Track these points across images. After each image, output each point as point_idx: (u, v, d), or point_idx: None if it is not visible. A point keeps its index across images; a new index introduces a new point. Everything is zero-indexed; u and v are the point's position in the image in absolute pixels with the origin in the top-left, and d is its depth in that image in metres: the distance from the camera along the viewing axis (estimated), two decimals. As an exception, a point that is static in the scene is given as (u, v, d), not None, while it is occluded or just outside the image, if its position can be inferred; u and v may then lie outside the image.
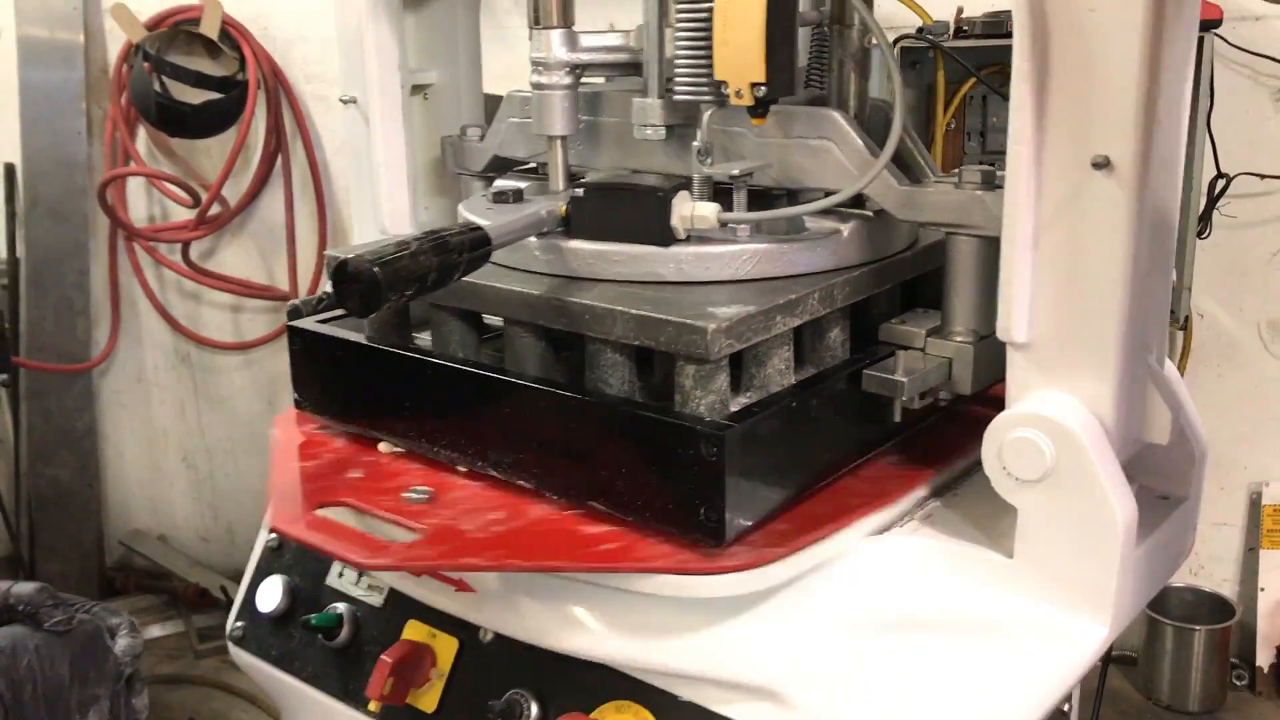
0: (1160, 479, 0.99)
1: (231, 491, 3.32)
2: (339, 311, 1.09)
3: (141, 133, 3.06)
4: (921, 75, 2.51)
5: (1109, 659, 2.45)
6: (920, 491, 0.97)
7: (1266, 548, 2.77)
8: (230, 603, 3.14)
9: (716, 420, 0.85)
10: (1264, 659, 2.77)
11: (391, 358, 1.03)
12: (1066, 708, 1.21)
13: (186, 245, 3.01)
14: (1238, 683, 2.78)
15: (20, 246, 3.11)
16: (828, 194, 0.95)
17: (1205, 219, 2.52)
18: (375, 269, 0.77)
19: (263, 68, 2.89)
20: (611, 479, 0.89)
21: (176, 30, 2.91)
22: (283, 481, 1.04)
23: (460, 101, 1.30)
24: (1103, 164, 0.82)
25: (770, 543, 0.87)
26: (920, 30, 2.38)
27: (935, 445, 1.00)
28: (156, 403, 3.29)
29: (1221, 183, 2.52)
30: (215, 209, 2.96)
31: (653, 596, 0.88)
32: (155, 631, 3.15)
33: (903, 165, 0.95)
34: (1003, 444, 0.86)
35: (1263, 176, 2.54)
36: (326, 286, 2.61)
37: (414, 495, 0.98)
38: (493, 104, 1.36)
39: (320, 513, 0.98)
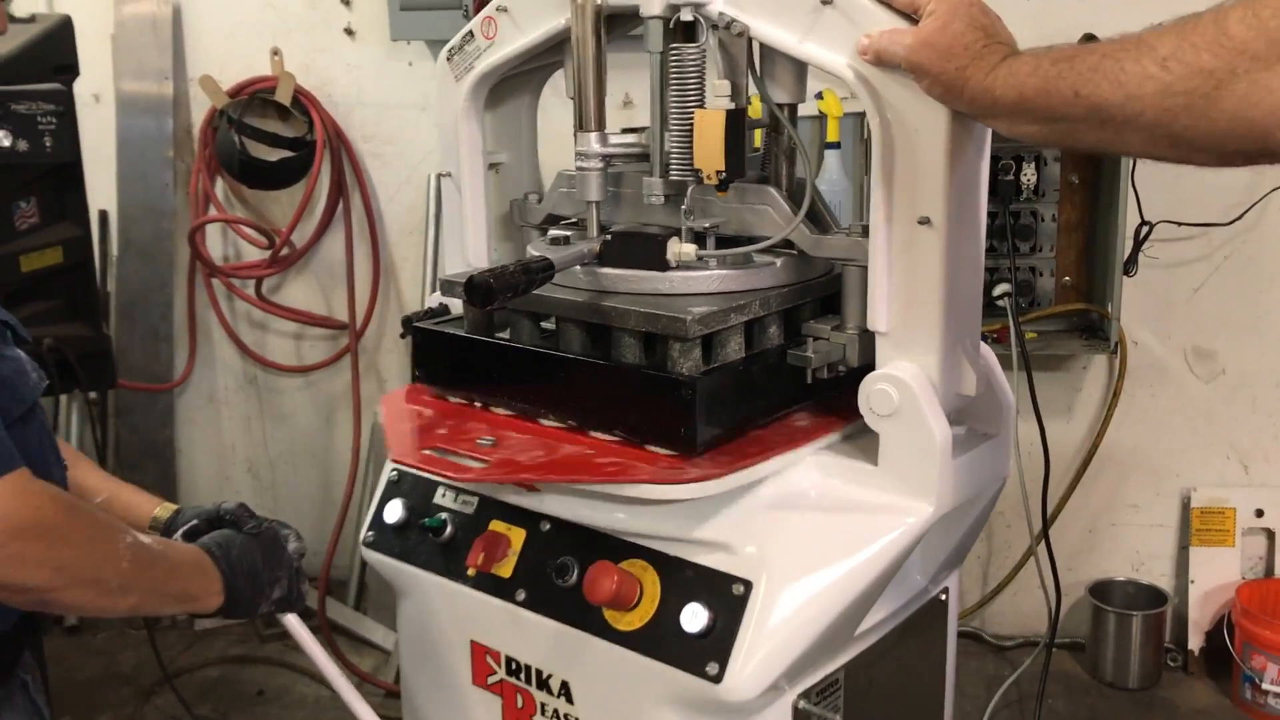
0: (982, 423, 1.60)
1: (291, 499, 3.94)
2: (443, 319, 1.73)
3: (219, 183, 3.72)
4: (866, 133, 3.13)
5: (1052, 644, 3.01)
6: (829, 430, 1.58)
7: (1196, 545, 3.34)
8: (271, 621, 3.69)
9: (692, 375, 1.46)
10: (1195, 643, 3.33)
11: (484, 345, 1.66)
12: (944, 596, 1.81)
13: (260, 281, 3.66)
14: (1172, 664, 3.35)
15: (111, 283, 3.76)
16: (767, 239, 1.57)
17: (1133, 260, 3.11)
18: (491, 280, 1.39)
19: (328, 129, 3.54)
20: (628, 415, 1.50)
21: (254, 98, 3.57)
22: (399, 433, 1.65)
23: (522, 174, 1.92)
24: (925, 222, 1.43)
25: (721, 463, 1.47)
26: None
27: (841, 402, 1.61)
28: (226, 419, 3.92)
29: (1145, 229, 3.12)
30: (284, 250, 3.61)
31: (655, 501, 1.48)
32: (223, 620, 3.75)
33: (815, 220, 1.57)
34: (870, 392, 1.48)
35: (1180, 224, 3.14)
36: (380, 311, 3.40)
37: (484, 440, 1.59)
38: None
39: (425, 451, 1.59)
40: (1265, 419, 3.27)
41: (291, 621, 1.68)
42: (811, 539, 1.46)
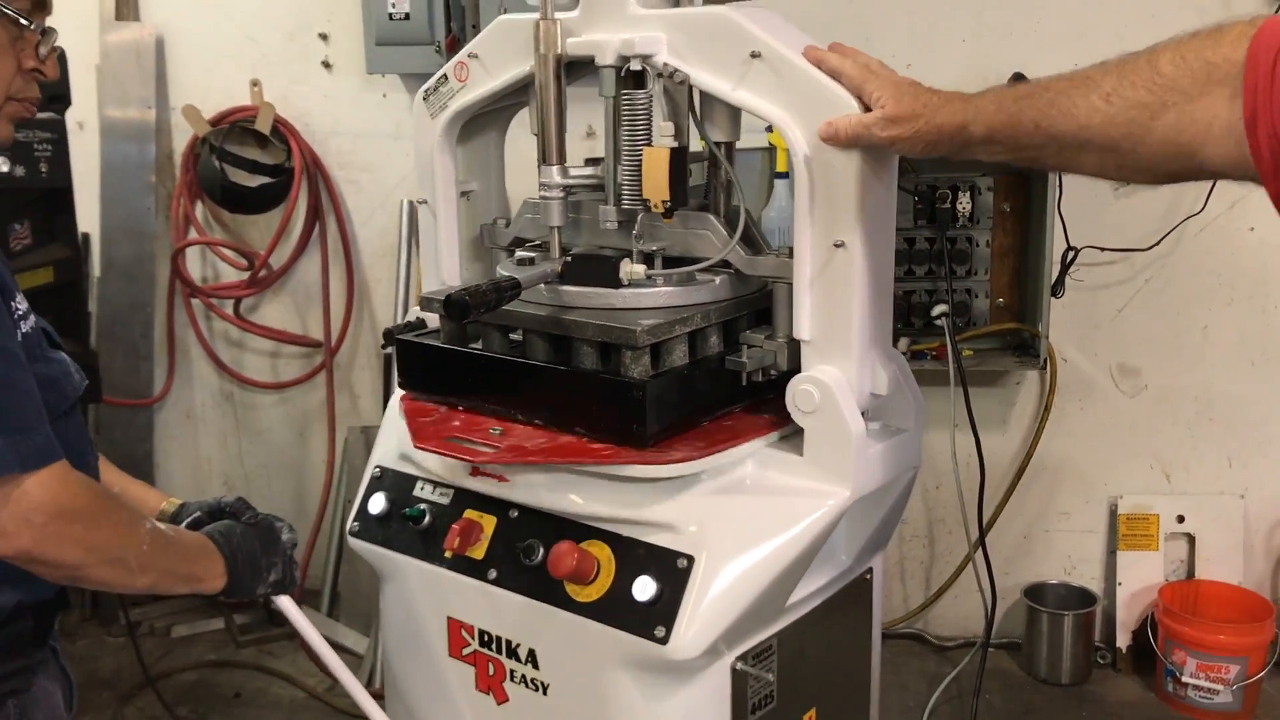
0: (895, 418, 1.86)
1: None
2: (421, 331, 1.97)
3: (199, 207, 3.94)
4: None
5: (988, 643, 3.27)
6: (761, 425, 1.84)
7: (1123, 550, 3.60)
8: (267, 604, 3.90)
9: (643, 379, 1.71)
10: (1122, 641, 3.59)
11: (459, 354, 1.90)
12: (869, 576, 2.06)
13: (238, 301, 3.88)
14: (1101, 661, 3.60)
15: (93, 303, 3.96)
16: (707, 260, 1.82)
17: (1059, 283, 3.38)
18: (467, 297, 1.63)
19: (305, 157, 3.78)
20: (587, 413, 1.75)
21: (234, 126, 3.80)
22: (421, 425, 1.89)
23: (490, 201, 2.17)
24: (840, 245, 1.69)
25: (685, 452, 1.72)
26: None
27: (772, 401, 1.85)
28: (203, 434, 4.13)
29: (1071, 254, 3.40)
30: (262, 271, 3.84)
31: (611, 478, 1.73)
32: (200, 628, 3.95)
33: (749, 243, 1.83)
34: (795, 392, 1.73)
35: (1103, 249, 3.42)
36: (354, 331, 3.71)
37: (494, 430, 1.83)
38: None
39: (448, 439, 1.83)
40: (1185, 431, 3.56)
41: (285, 603, 1.89)
42: (745, 519, 1.71)
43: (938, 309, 3.30)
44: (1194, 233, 3.38)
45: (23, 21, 1.53)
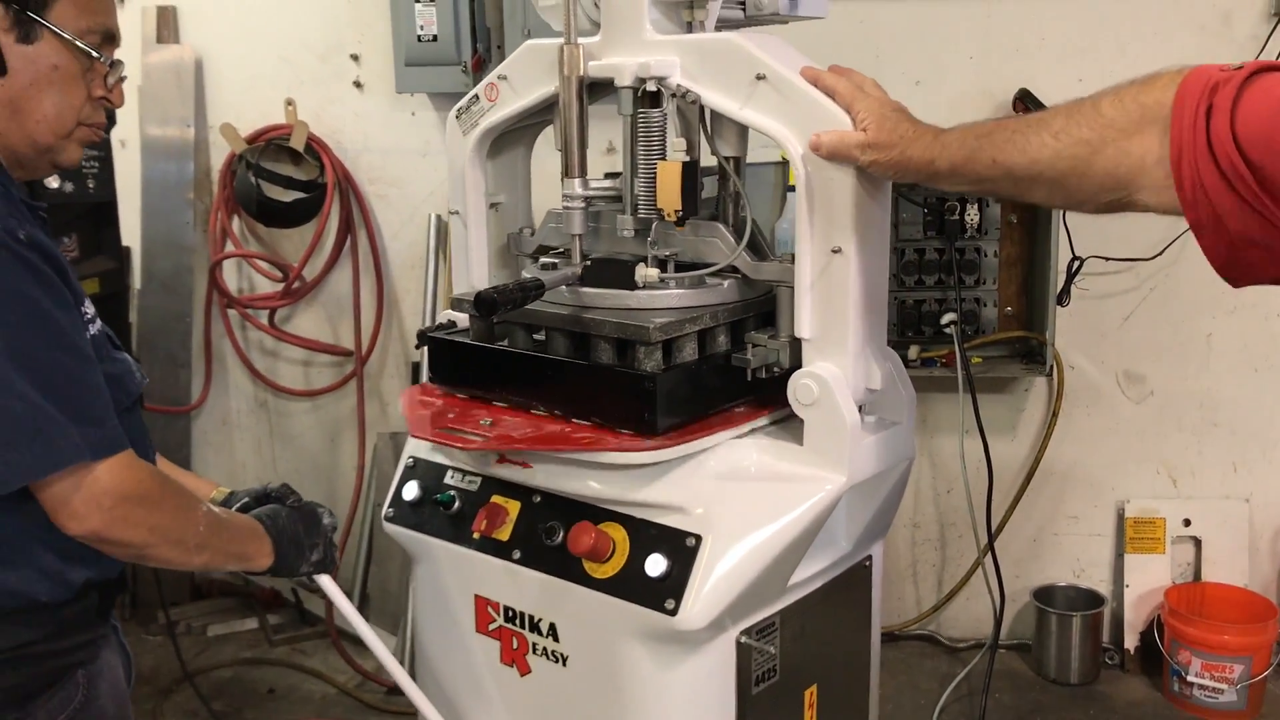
0: (889, 412, 2.03)
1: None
2: (452, 330, 2.16)
3: (235, 221, 4.16)
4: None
5: (996, 644, 3.43)
6: (765, 417, 2.01)
7: (1130, 552, 3.75)
8: (299, 604, 4.10)
9: (655, 372, 1.89)
10: (1130, 642, 3.73)
11: (487, 350, 2.09)
12: (868, 563, 2.23)
13: (273, 311, 4.09)
14: (1109, 662, 3.75)
15: (133, 314, 4.18)
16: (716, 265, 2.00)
17: (1065, 292, 3.54)
18: (495, 295, 1.82)
19: (337, 173, 3.99)
20: (603, 404, 1.93)
21: (270, 143, 4.02)
22: (418, 417, 2.07)
23: (517, 212, 2.36)
24: (838, 251, 1.86)
25: (679, 438, 1.90)
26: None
27: (777, 395, 2.03)
28: (238, 441, 4.34)
29: (1076, 264, 3.55)
30: (296, 283, 4.05)
31: (625, 466, 1.90)
32: (235, 627, 4.15)
33: (754, 249, 2.01)
34: (796, 386, 1.90)
35: (1108, 259, 3.58)
36: (383, 340, 3.96)
37: (484, 421, 2.01)
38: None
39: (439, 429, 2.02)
40: (1190, 437, 3.70)
41: (325, 581, 2.07)
42: (749, 502, 1.88)
43: (947, 317, 3.47)
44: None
45: (94, 55, 1.71)
